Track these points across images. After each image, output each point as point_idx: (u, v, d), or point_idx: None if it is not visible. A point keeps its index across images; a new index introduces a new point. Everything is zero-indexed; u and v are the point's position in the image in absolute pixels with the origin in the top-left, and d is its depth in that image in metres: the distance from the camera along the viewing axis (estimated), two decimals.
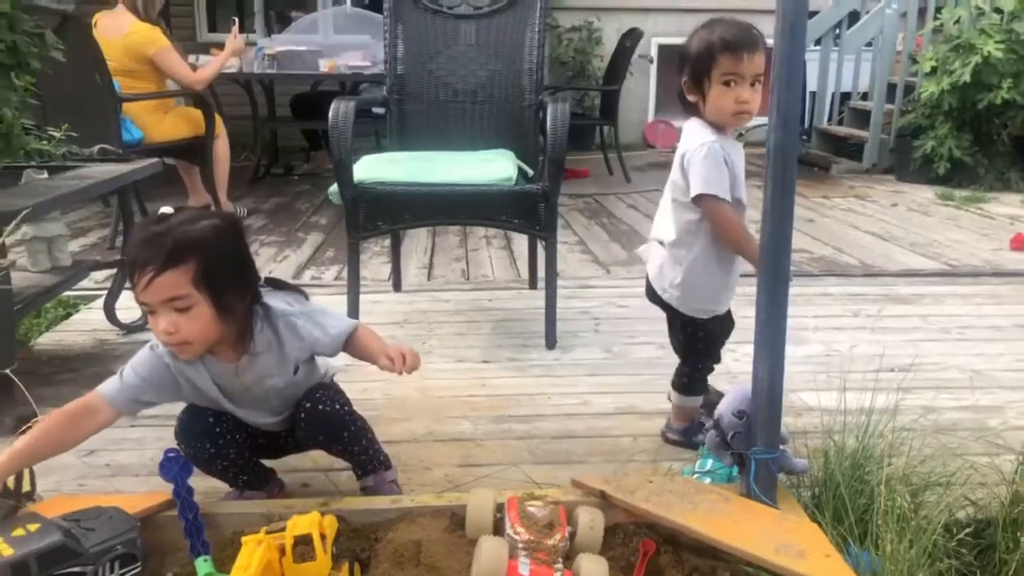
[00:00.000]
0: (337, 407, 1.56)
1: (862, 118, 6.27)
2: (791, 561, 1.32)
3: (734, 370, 2.20)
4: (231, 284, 1.43)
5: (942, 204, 4.89)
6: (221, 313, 1.41)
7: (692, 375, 1.90)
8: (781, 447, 1.52)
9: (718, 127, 1.72)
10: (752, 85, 1.67)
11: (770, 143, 1.39)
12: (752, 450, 1.50)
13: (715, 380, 1.99)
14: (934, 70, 5.32)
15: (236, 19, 4.76)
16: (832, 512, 1.48)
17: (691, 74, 1.72)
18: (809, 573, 1.30)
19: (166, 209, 1.43)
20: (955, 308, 2.93)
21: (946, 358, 2.45)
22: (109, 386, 1.49)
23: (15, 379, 1.88)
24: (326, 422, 1.55)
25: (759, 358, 1.48)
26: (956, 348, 2.55)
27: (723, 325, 1.87)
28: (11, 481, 1.47)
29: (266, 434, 1.65)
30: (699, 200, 1.71)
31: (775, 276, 1.44)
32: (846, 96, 6.68)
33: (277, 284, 1.60)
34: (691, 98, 1.74)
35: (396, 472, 1.71)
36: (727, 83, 1.66)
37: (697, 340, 1.86)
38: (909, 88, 5.83)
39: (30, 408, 1.86)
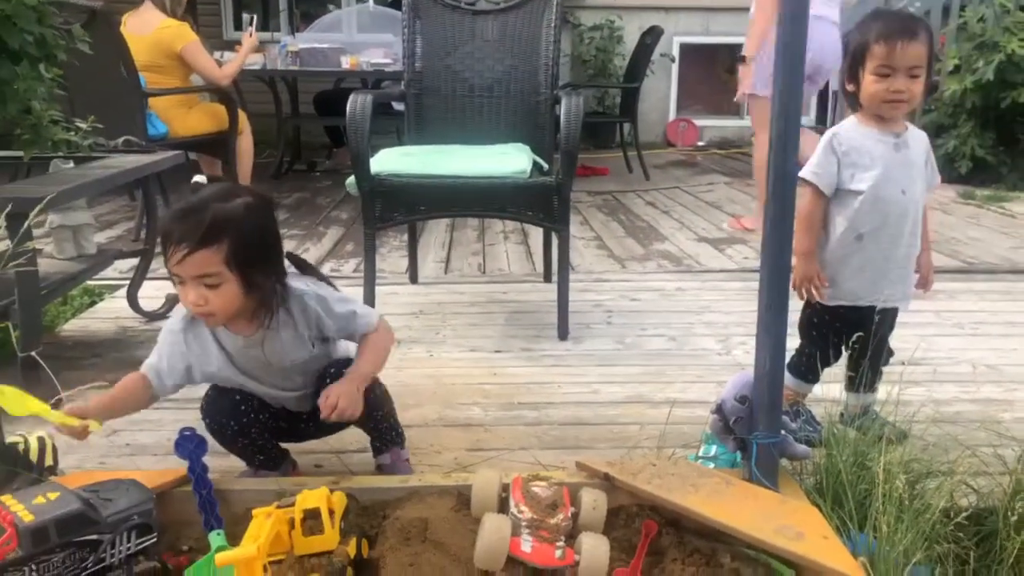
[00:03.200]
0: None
1: None
2: (789, 542, 1.35)
3: (743, 362, 2.22)
4: (259, 261, 1.47)
5: (963, 203, 4.86)
6: (247, 289, 1.46)
7: (800, 356, 1.91)
8: (783, 432, 1.54)
9: (878, 117, 1.76)
10: (911, 76, 1.69)
11: (772, 132, 1.41)
12: (754, 435, 1.52)
13: (721, 370, 2.01)
14: (957, 68, 5.29)
15: (253, 16, 4.83)
16: (832, 496, 1.50)
17: (849, 65, 1.76)
18: (806, 554, 1.32)
19: (199, 178, 1.48)
20: (970, 304, 2.93)
21: (959, 353, 2.45)
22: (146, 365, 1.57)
23: (40, 361, 1.94)
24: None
25: (761, 344, 1.50)
26: (969, 343, 2.55)
27: (847, 320, 1.82)
28: (35, 455, 1.53)
29: (289, 417, 1.69)
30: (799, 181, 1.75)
31: (777, 266, 1.46)
32: None
33: (297, 261, 1.65)
34: (850, 88, 1.78)
35: (408, 451, 1.76)
36: (881, 74, 1.69)
37: (812, 323, 1.89)
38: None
39: (54, 389, 1.93)
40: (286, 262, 1.59)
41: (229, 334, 1.55)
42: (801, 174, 1.76)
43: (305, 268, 1.67)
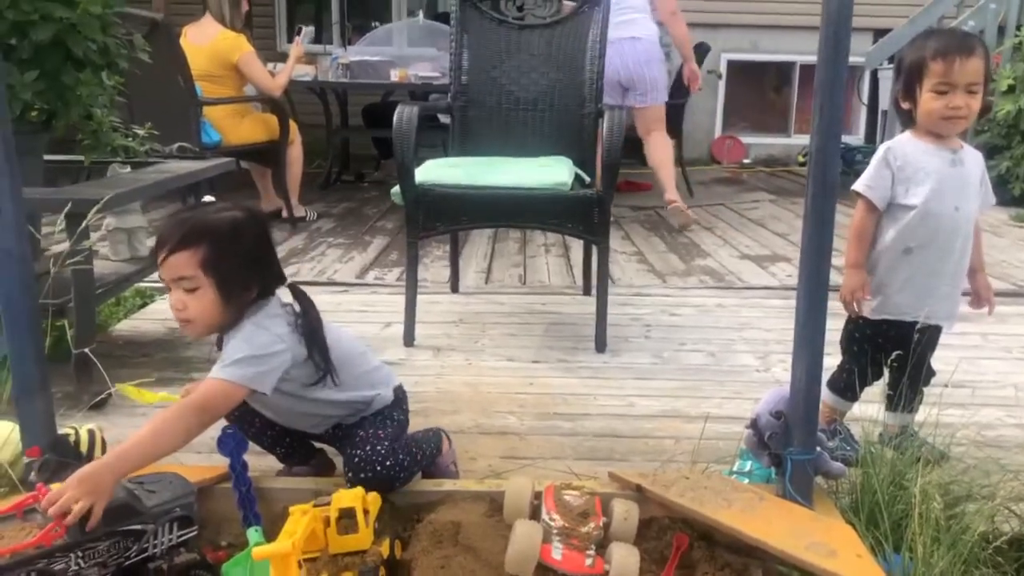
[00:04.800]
0: (379, 469, 1.50)
1: None
2: (821, 559, 1.33)
3: (782, 379, 2.20)
4: (238, 276, 1.47)
5: (1015, 225, 4.75)
6: (224, 300, 1.47)
7: (840, 373, 1.90)
8: (819, 449, 1.53)
9: (935, 135, 1.76)
10: (969, 92, 1.69)
11: (812, 147, 1.41)
12: (788, 451, 1.51)
13: (760, 387, 2.00)
14: (1012, 88, 5.18)
15: (300, 27, 4.95)
16: (867, 516, 1.49)
17: (904, 82, 1.76)
18: (839, 571, 1.31)
19: (208, 198, 1.53)
20: (1019, 328, 2.87)
21: (1005, 376, 2.40)
22: None
23: (93, 358, 2.01)
24: (371, 484, 1.47)
25: (797, 359, 1.49)
26: (1016, 367, 2.50)
27: (889, 336, 1.81)
28: (85, 446, 1.58)
29: (294, 434, 1.70)
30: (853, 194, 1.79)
31: (815, 279, 1.46)
32: None
33: (297, 293, 1.58)
34: (905, 105, 1.78)
35: (455, 453, 1.78)
36: (940, 91, 1.69)
37: (853, 337, 1.87)
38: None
39: (105, 385, 2.00)
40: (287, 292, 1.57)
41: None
42: (855, 187, 1.78)
43: (302, 301, 1.57)
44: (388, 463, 1.51)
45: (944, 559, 1.34)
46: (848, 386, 1.88)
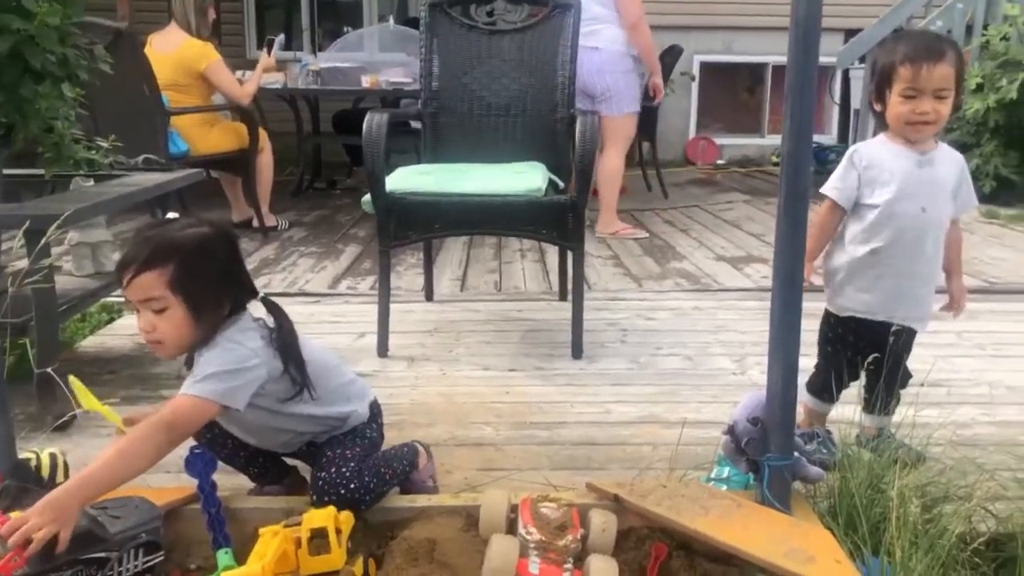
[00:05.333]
0: (343, 492, 1.46)
1: None
2: (800, 566, 1.32)
3: (759, 382, 2.19)
4: (208, 293, 1.44)
5: (986, 222, 4.80)
6: (195, 319, 1.43)
7: (817, 371, 1.91)
8: (796, 454, 1.52)
9: (904, 139, 1.76)
10: (937, 98, 1.68)
11: (784, 150, 1.40)
12: (766, 456, 1.50)
13: (737, 390, 1.99)
14: (980, 87, 5.24)
15: (271, 39, 4.90)
16: (846, 520, 1.48)
17: (876, 85, 1.77)
18: None
19: (172, 215, 1.49)
20: (992, 325, 2.88)
21: (979, 374, 2.41)
22: None
23: (56, 377, 1.96)
24: (336, 507, 1.43)
25: (773, 363, 1.48)
26: (990, 364, 2.51)
27: (861, 336, 1.82)
28: (47, 471, 1.54)
29: (267, 454, 1.66)
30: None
31: (789, 282, 1.45)
32: None
33: (270, 306, 1.54)
34: (877, 108, 1.79)
35: (432, 467, 1.76)
36: (907, 96, 1.70)
37: (826, 336, 1.89)
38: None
39: (69, 406, 1.94)
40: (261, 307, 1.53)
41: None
42: (823, 189, 1.81)
43: (276, 314, 1.53)
44: (352, 486, 1.47)
45: (922, 562, 1.33)
46: (824, 387, 1.87)
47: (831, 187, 1.81)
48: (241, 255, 1.55)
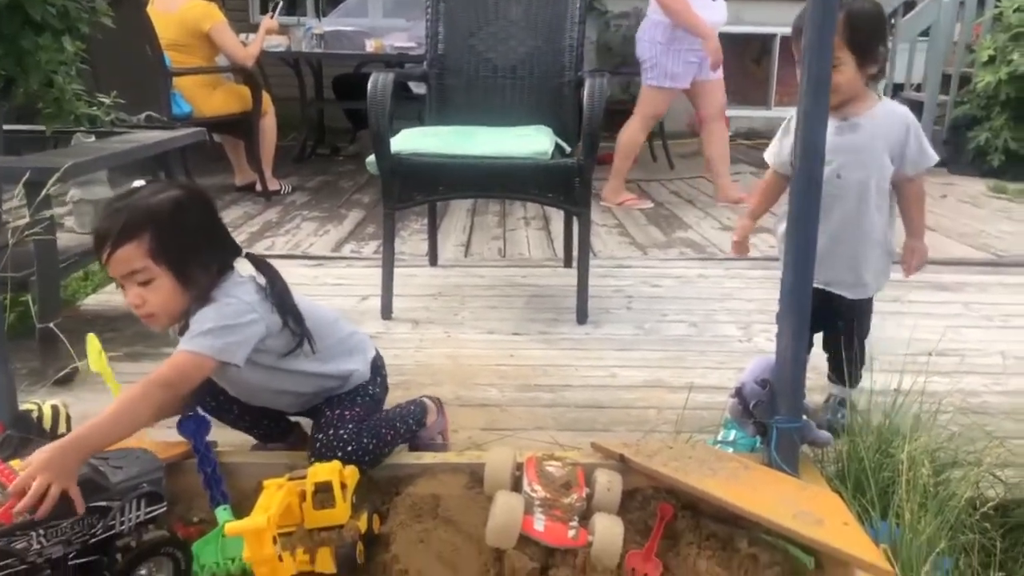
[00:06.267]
0: (339, 454, 1.43)
1: (915, 109, 6.03)
2: (808, 528, 1.31)
3: (765, 349, 2.18)
4: (192, 255, 1.40)
5: (994, 197, 4.76)
6: (184, 285, 1.39)
7: None
8: (804, 418, 1.51)
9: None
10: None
11: (799, 111, 1.38)
12: (774, 419, 1.48)
13: (742, 357, 1.98)
14: (992, 59, 5.17)
15: (275, 2, 4.84)
16: (854, 483, 1.47)
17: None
18: (825, 540, 1.29)
19: (138, 182, 1.45)
20: (1000, 297, 2.86)
21: (988, 344, 2.39)
22: None
23: (58, 332, 1.95)
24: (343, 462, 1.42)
25: (783, 327, 1.46)
26: (999, 335, 2.49)
27: None
28: (48, 422, 1.53)
29: (271, 414, 1.64)
30: None
31: (801, 246, 1.42)
32: (899, 87, 6.53)
33: (257, 262, 1.52)
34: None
35: (443, 423, 1.75)
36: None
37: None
38: (964, 79, 5.67)
39: (71, 360, 1.93)
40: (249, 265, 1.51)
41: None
42: (765, 154, 1.90)
43: (265, 270, 1.51)
44: (350, 448, 1.45)
45: (931, 525, 1.32)
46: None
47: (768, 153, 1.87)
48: (217, 213, 1.51)
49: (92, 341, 1.54)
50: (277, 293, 1.47)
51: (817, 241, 1.74)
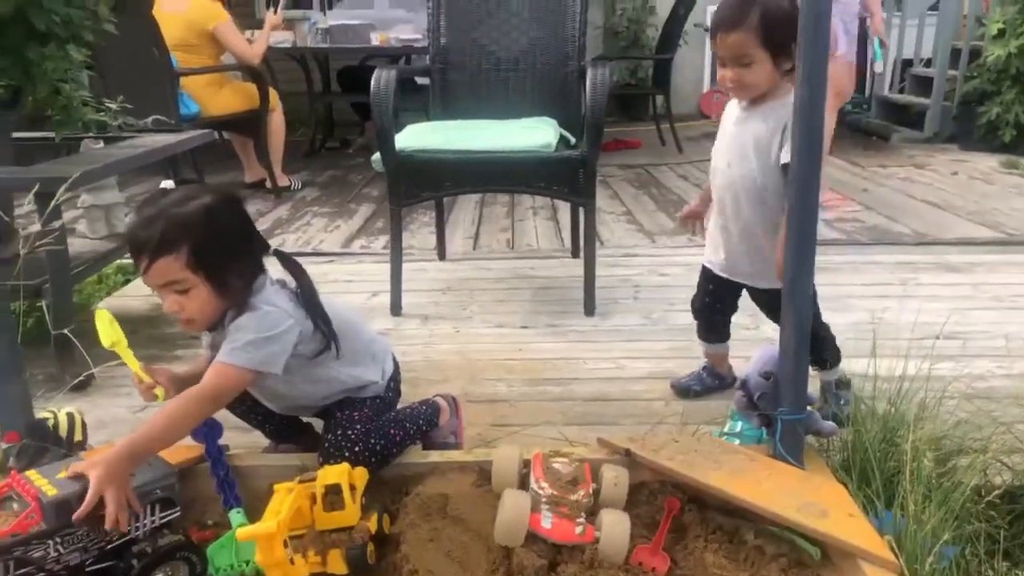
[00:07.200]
0: (347, 455, 1.46)
1: (924, 85, 6.06)
2: (813, 520, 1.33)
3: (772, 337, 2.18)
4: (228, 263, 1.41)
5: (1006, 173, 4.72)
6: (220, 291, 1.41)
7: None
8: (809, 408, 1.51)
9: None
10: (740, 65, 1.66)
11: (797, 100, 1.37)
12: (778, 411, 1.49)
13: (750, 345, 1.97)
14: (1002, 33, 5.11)
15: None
16: (859, 474, 1.48)
17: None
18: (830, 532, 1.31)
19: (167, 183, 1.46)
20: (1010, 277, 2.85)
21: (996, 327, 2.38)
22: None
23: (73, 338, 1.98)
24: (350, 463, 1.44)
25: (785, 318, 1.47)
26: (1007, 317, 2.48)
27: (708, 281, 1.94)
28: (64, 430, 1.56)
29: (285, 416, 1.67)
30: None
31: (802, 236, 1.43)
32: (908, 63, 6.47)
33: (283, 257, 1.54)
34: None
35: (456, 423, 1.76)
36: (720, 63, 1.71)
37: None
38: (974, 53, 5.60)
39: (87, 366, 1.97)
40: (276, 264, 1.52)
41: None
42: None
43: (293, 269, 1.53)
44: (357, 448, 1.47)
45: (936, 515, 1.33)
46: (701, 330, 2.02)
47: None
48: (247, 214, 1.53)
49: (101, 315, 1.51)
50: (306, 295, 1.50)
51: (719, 232, 1.83)
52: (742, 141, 1.74)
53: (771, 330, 2.31)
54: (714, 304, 1.94)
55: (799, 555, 1.35)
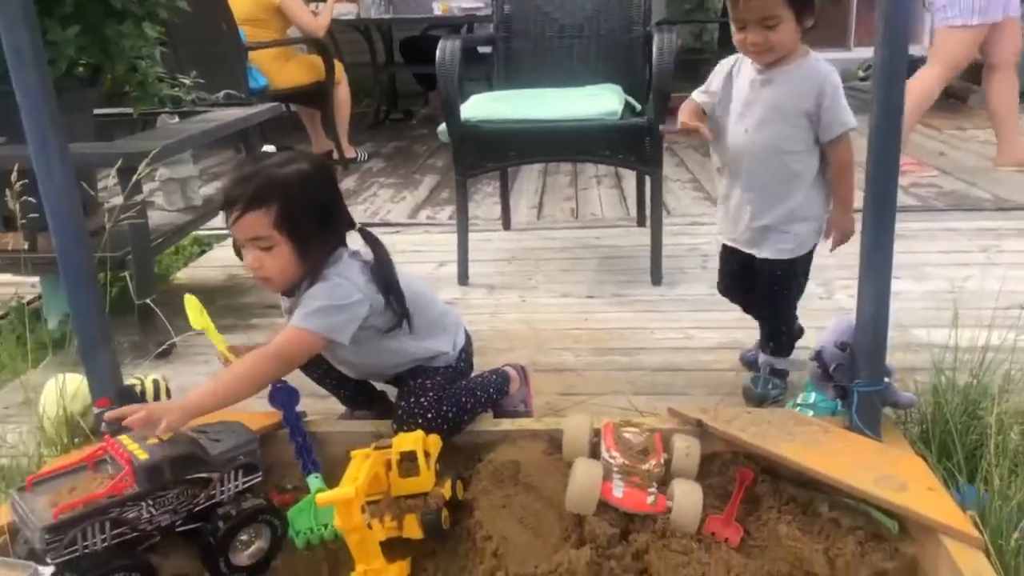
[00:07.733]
0: (420, 421, 1.48)
1: None
2: (891, 493, 1.30)
3: (845, 306, 2.14)
4: (313, 229, 1.45)
5: None
6: (301, 255, 1.45)
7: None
8: (887, 379, 1.48)
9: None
10: (765, 27, 1.59)
11: (877, 61, 1.32)
12: (855, 382, 1.46)
13: (823, 315, 1.94)
14: None
15: None
16: (939, 447, 1.44)
17: None
18: (909, 505, 1.28)
19: (268, 148, 1.50)
20: None
21: None
22: None
23: (155, 308, 2.05)
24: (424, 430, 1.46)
25: (864, 288, 1.43)
26: None
27: (726, 255, 1.90)
28: (151, 396, 1.62)
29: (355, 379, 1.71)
30: None
31: (881, 204, 1.39)
32: None
33: (368, 237, 1.57)
34: None
35: (525, 391, 1.78)
36: (737, 27, 1.64)
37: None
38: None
39: (169, 335, 2.04)
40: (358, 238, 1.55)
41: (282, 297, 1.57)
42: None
43: (374, 246, 1.57)
44: (430, 415, 1.50)
45: (1022, 491, 1.29)
46: (743, 310, 1.94)
47: (698, 90, 1.81)
48: (338, 188, 1.56)
49: (190, 301, 1.61)
50: (383, 272, 1.52)
51: (732, 201, 1.77)
52: (764, 107, 1.68)
53: (846, 298, 2.28)
54: (740, 283, 1.87)
55: (876, 528, 1.33)
